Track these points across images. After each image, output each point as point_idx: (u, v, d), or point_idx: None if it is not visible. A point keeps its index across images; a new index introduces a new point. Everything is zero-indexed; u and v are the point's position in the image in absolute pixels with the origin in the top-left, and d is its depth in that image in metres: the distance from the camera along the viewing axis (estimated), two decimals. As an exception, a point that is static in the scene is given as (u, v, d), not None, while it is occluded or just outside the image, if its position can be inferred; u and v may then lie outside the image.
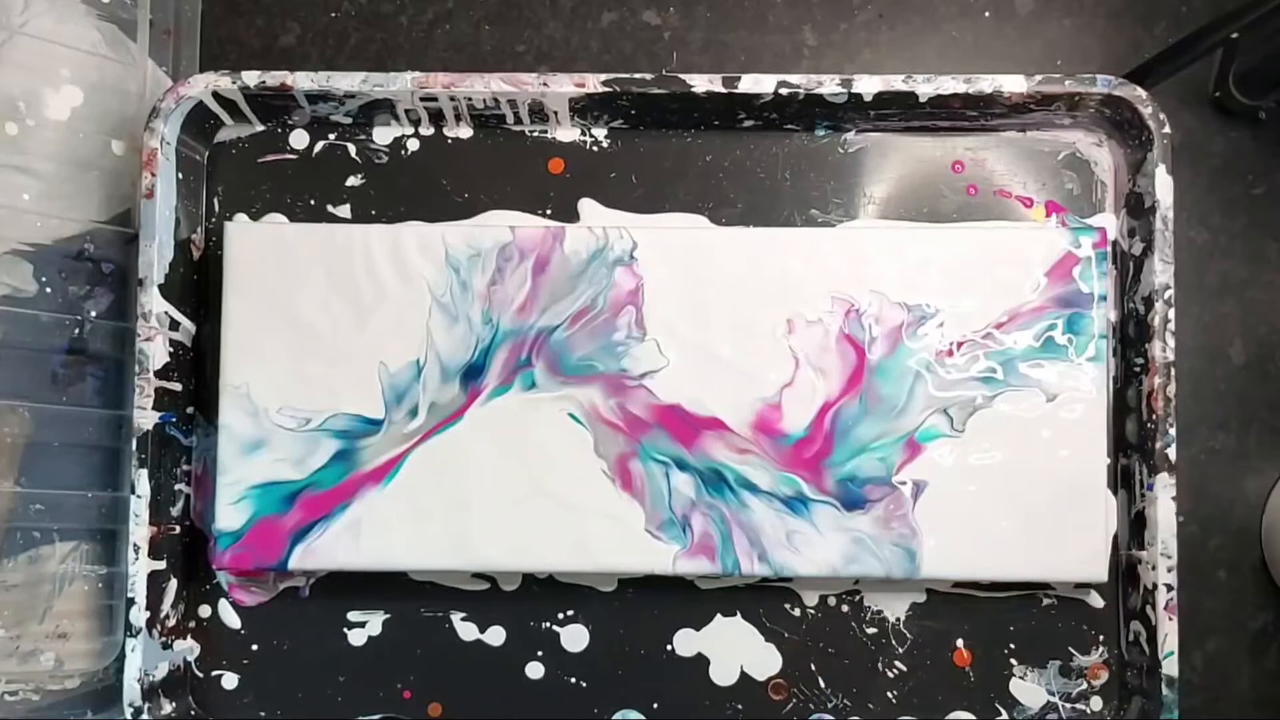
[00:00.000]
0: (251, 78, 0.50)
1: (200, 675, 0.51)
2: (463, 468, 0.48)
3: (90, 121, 0.50)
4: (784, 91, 0.49)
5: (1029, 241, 0.49)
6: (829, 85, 0.49)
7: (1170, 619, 0.48)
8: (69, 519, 0.50)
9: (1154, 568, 0.48)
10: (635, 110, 0.51)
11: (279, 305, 0.49)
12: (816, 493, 0.48)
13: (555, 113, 0.51)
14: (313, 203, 0.52)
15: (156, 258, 0.49)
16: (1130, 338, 0.50)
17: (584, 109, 0.51)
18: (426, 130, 0.52)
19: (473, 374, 0.49)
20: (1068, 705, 0.50)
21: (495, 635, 0.51)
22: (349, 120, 0.52)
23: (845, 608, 0.51)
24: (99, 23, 0.50)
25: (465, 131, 0.52)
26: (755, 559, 0.48)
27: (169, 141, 0.50)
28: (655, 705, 0.51)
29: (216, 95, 0.50)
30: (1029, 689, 0.50)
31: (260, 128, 0.53)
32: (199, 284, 0.52)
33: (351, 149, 0.52)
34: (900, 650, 0.51)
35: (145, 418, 0.49)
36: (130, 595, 0.48)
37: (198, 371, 0.52)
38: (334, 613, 0.51)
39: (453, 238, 0.49)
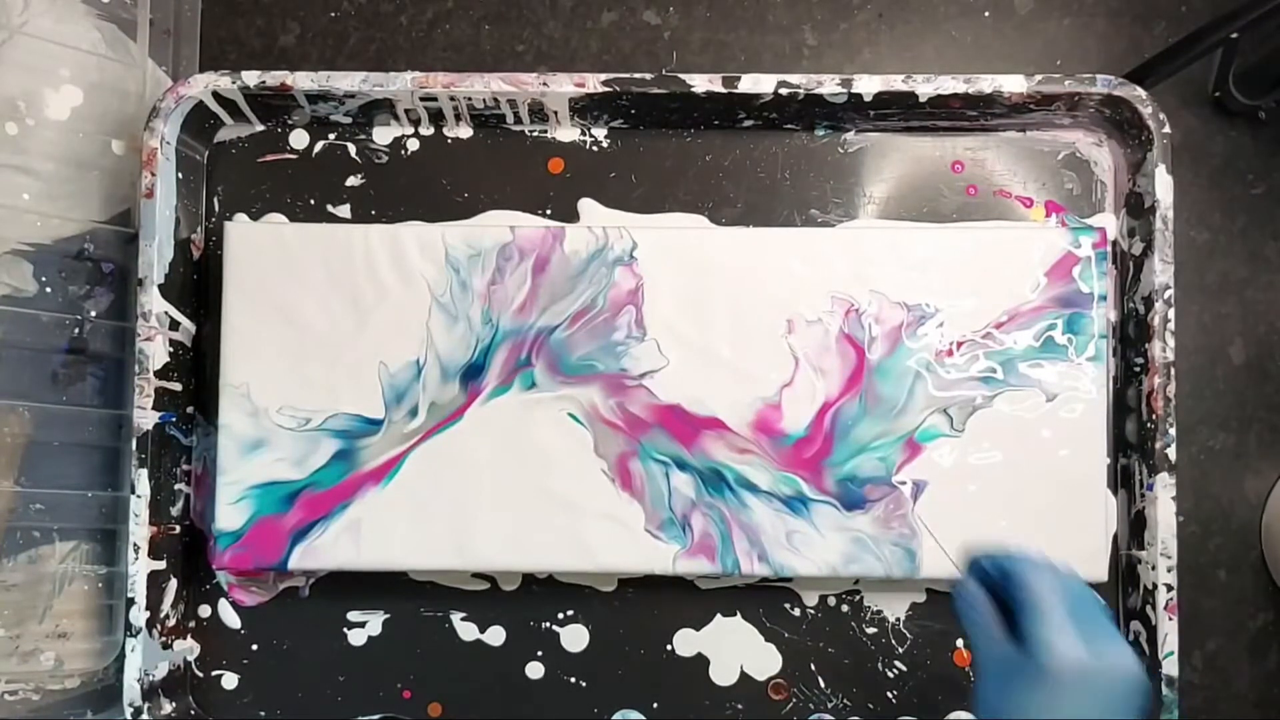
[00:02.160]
0: (251, 78, 0.50)
1: (200, 675, 0.51)
2: (463, 468, 0.48)
3: (90, 121, 0.50)
4: (784, 91, 0.49)
5: (1029, 241, 0.49)
6: (829, 85, 0.49)
7: (1170, 619, 0.48)
8: (69, 519, 0.50)
9: (1154, 568, 0.48)
10: (635, 110, 0.51)
11: (279, 305, 0.49)
12: (816, 493, 0.48)
13: (555, 113, 0.51)
14: (313, 203, 0.52)
15: (156, 258, 0.49)
16: (1130, 338, 0.50)
17: (584, 109, 0.51)
18: (426, 130, 0.52)
19: (473, 374, 0.49)
20: (1068, 705, 0.50)
21: (495, 635, 0.51)
22: (349, 120, 0.52)
23: (845, 608, 0.51)
24: (99, 23, 0.50)
25: (465, 131, 0.52)
26: (755, 559, 0.48)
27: (169, 141, 0.50)
28: (655, 705, 0.51)
29: (216, 95, 0.50)
30: (1029, 689, 0.50)
31: (260, 128, 0.53)
32: (199, 284, 0.52)
33: (351, 149, 0.52)
34: (900, 650, 0.51)
35: (145, 418, 0.49)
36: (130, 595, 0.48)
37: (198, 371, 0.52)
38: (334, 613, 0.51)
39: (453, 238, 0.49)
